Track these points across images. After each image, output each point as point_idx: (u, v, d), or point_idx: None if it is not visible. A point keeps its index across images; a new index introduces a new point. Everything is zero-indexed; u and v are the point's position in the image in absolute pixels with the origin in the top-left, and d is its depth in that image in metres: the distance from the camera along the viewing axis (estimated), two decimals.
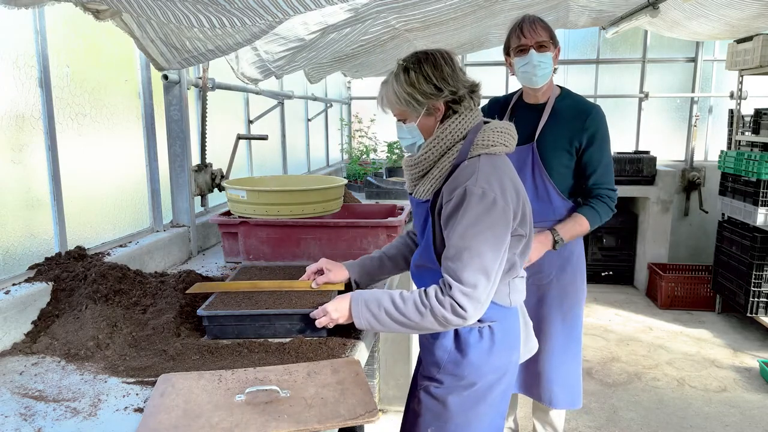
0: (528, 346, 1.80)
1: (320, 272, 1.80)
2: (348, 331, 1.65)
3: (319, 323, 1.55)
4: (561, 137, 2.28)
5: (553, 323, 2.40)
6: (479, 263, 1.45)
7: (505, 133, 1.60)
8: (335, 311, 1.54)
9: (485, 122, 1.63)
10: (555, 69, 2.32)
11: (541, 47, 2.21)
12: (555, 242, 2.24)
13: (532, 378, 2.47)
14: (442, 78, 1.54)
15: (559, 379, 2.44)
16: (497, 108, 2.47)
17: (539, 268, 2.37)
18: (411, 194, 1.70)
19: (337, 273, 1.79)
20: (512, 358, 1.71)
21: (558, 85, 2.40)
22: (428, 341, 1.70)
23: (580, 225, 2.27)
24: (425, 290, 1.51)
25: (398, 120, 1.64)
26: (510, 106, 2.42)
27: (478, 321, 1.63)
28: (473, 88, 1.59)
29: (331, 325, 1.56)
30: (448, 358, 1.65)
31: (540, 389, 2.45)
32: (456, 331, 1.64)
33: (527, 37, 2.22)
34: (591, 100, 6.71)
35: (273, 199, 2.30)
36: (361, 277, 1.84)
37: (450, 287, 1.46)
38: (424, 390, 1.71)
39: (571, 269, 2.41)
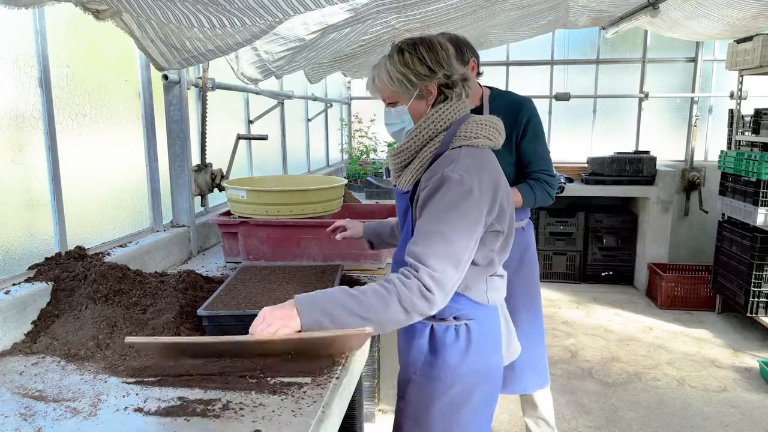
0: (511, 349, 1.74)
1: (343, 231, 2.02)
2: None
3: (259, 334, 1.35)
4: None
5: (519, 314, 2.47)
6: (449, 249, 1.39)
7: (489, 126, 1.56)
8: (272, 316, 1.36)
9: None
10: (480, 73, 2.42)
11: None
12: None
13: (507, 374, 2.51)
14: (437, 61, 1.52)
15: (530, 365, 2.52)
16: None
17: None
18: (395, 186, 1.66)
19: (355, 229, 1.99)
20: (492, 361, 1.65)
21: (487, 86, 2.45)
22: (404, 344, 1.67)
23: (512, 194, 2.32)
24: (386, 278, 1.43)
25: (387, 105, 1.61)
26: None
27: (454, 319, 1.59)
28: (465, 77, 1.58)
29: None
30: (424, 359, 1.61)
31: (515, 381, 2.52)
32: (432, 331, 1.61)
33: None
34: (590, 100, 6.66)
35: (273, 199, 2.30)
36: (373, 237, 1.97)
37: (417, 270, 1.38)
38: (402, 397, 1.68)
39: (528, 260, 2.50)
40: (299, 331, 1.36)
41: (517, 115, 2.31)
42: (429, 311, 1.41)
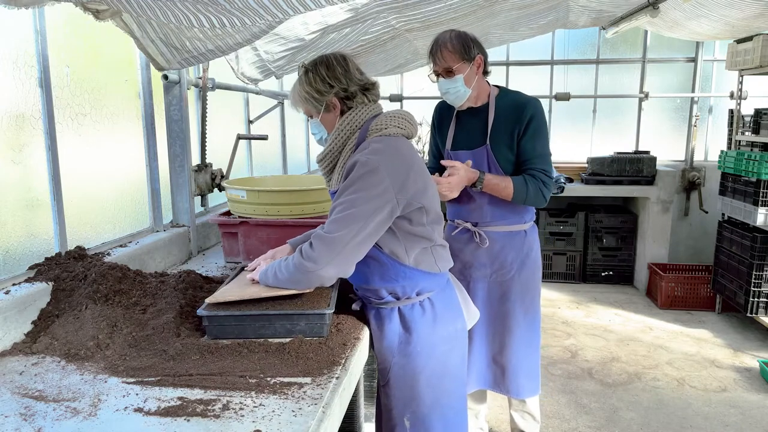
0: (470, 313, 1.91)
1: None
2: (348, 331, 1.65)
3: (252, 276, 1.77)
4: (504, 134, 2.34)
5: (516, 317, 2.48)
6: (344, 216, 1.56)
7: (398, 117, 1.73)
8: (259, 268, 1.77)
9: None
10: (487, 72, 2.36)
11: (448, 72, 2.28)
12: (475, 183, 2.30)
13: (498, 373, 2.56)
14: (335, 77, 1.70)
15: (523, 370, 2.52)
16: (445, 112, 2.53)
17: (501, 265, 2.45)
18: (329, 188, 1.81)
19: (281, 252, 1.96)
20: (457, 326, 1.81)
21: (496, 85, 2.45)
22: (377, 333, 1.77)
23: (504, 183, 2.31)
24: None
25: (308, 117, 1.81)
26: (455, 113, 2.47)
27: (417, 295, 1.73)
28: (366, 87, 1.75)
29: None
30: (399, 339, 1.74)
31: (507, 382, 2.54)
32: (400, 313, 1.74)
33: (437, 63, 2.30)
34: (590, 100, 6.64)
35: (273, 199, 2.30)
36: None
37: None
38: (386, 384, 1.77)
39: (530, 264, 2.49)
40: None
41: (520, 113, 2.31)
42: (316, 268, 1.55)
